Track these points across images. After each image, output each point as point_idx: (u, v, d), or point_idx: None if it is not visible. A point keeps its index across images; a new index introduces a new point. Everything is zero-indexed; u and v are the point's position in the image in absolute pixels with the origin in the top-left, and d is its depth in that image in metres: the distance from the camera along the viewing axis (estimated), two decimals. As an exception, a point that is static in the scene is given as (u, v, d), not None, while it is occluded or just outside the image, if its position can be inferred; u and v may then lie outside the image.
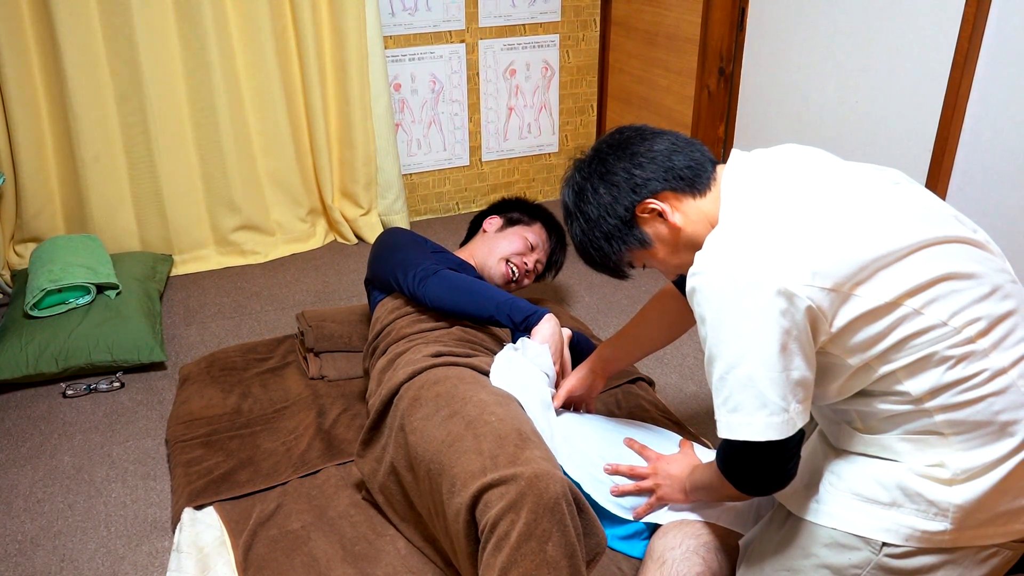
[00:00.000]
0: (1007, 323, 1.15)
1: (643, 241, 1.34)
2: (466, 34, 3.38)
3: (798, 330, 1.12)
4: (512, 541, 1.27)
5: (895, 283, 1.12)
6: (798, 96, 2.59)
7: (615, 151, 1.35)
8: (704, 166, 1.32)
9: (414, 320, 1.91)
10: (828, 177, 1.24)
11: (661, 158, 1.31)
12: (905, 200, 1.21)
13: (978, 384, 1.13)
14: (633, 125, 1.39)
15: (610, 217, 1.34)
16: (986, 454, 1.15)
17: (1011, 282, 1.20)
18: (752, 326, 1.12)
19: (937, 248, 1.15)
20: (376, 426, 1.72)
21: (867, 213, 1.17)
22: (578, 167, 1.41)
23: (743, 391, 1.15)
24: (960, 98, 2.05)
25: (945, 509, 1.16)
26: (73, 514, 1.85)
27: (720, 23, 2.86)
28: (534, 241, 2.29)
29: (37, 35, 2.73)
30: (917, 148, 2.19)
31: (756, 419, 1.15)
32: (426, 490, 1.52)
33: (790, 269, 1.11)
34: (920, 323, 1.12)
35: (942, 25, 2.07)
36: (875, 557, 1.20)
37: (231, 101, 2.99)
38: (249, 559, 1.64)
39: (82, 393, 2.29)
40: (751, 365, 1.13)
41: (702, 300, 1.16)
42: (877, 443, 1.23)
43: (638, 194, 1.31)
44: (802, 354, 1.14)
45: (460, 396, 1.55)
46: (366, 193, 3.30)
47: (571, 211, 1.41)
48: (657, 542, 1.52)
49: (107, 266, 2.61)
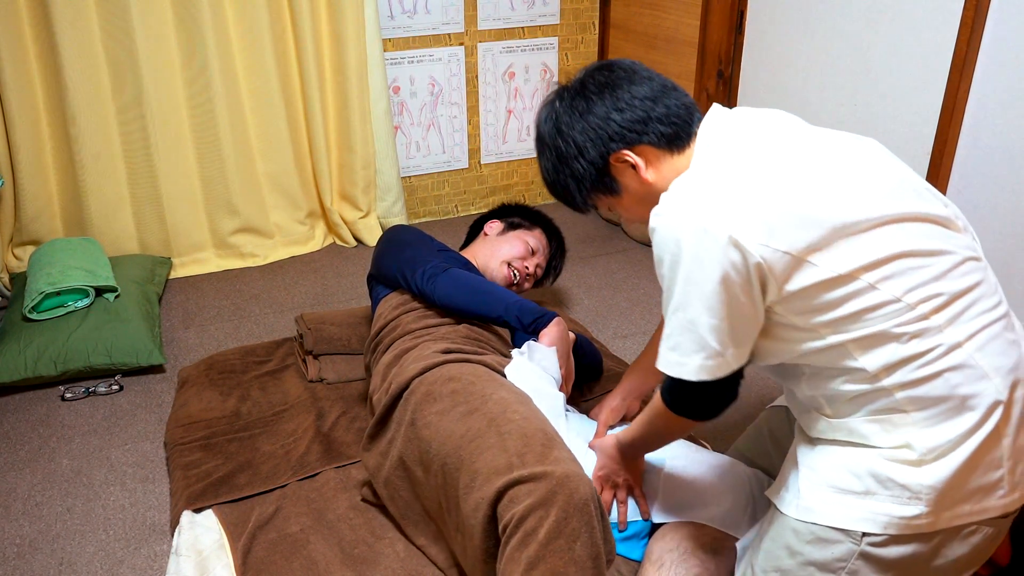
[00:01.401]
0: (965, 299, 1.16)
1: (612, 189, 1.35)
2: (465, 37, 3.38)
3: (746, 283, 1.14)
4: (541, 537, 1.28)
5: (852, 256, 1.13)
6: (797, 98, 2.59)
7: (600, 90, 1.32)
8: (685, 120, 1.31)
9: (420, 316, 1.91)
10: (801, 141, 1.24)
11: (645, 105, 1.29)
12: (875, 173, 1.21)
13: (933, 359, 1.14)
14: (625, 62, 1.36)
15: (583, 159, 1.33)
16: (950, 430, 1.16)
17: (973, 259, 1.20)
18: (701, 273, 1.15)
19: (899, 225, 1.16)
20: (383, 420, 1.72)
21: (834, 182, 1.17)
22: (560, 96, 1.37)
23: (684, 333, 1.20)
24: (959, 100, 2.05)
25: (918, 492, 1.16)
26: (72, 517, 1.85)
27: (719, 26, 2.86)
28: (535, 246, 2.30)
29: (36, 38, 2.73)
30: (916, 150, 2.19)
31: (691, 360, 1.21)
32: (437, 485, 1.52)
33: (746, 224, 1.12)
34: (874, 298, 1.13)
35: (941, 28, 2.07)
36: (857, 548, 1.20)
37: (230, 104, 2.99)
38: (248, 562, 1.64)
39: (81, 396, 2.29)
40: (695, 310, 1.17)
41: (659, 241, 1.19)
42: (845, 427, 1.24)
43: (615, 143, 1.30)
44: (747, 305, 1.17)
45: (479, 393, 1.56)
46: (365, 196, 3.30)
47: (545, 143, 1.39)
48: (655, 544, 1.52)
49: (106, 269, 2.61)
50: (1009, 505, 1.19)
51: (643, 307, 2.78)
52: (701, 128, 1.30)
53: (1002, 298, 1.22)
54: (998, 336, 1.17)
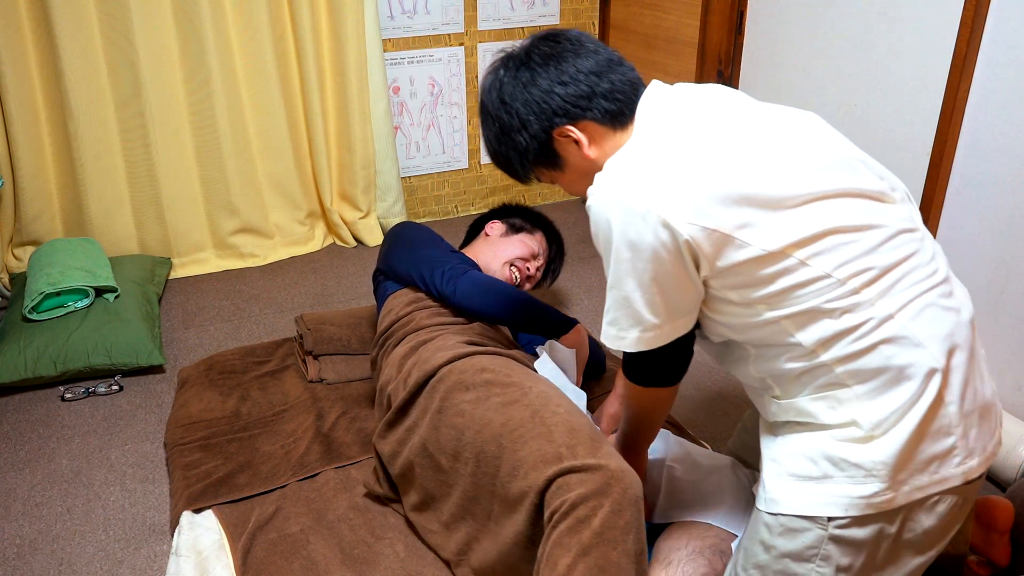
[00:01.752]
0: (896, 271, 1.17)
1: (555, 163, 1.36)
2: (465, 37, 3.38)
3: (677, 259, 1.17)
4: (595, 526, 1.29)
5: (782, 233, 1.15)
6: (797, 99, 2.59)
7: (545, 62, 1.31)
8: (630, 97, 1.31)
9: (433, 313, 1.92)
10: (738, 118, 1.25)
11: (590, 80, 1.29)
12: (809, 149, 1.22)
13: (866, 332, 1.16)
14: (572, 32, 1.35)
15: (526, 133, 1.33)
16: (891, 401, 1.17)
17: (908, 231, 1.22)
18: (632, 252, 1.18)
19: (829, 201, 1.17)
20: (404, 408, 1.72)
21: (765, 159, 1.18)
22: (505, 64, 1.36)
23: (620, 308, 1.24)
24: (959, 101, 2.05)
25: (871, 469, 1.17)
26: (71, 518, 1.85)
27: (719, 26, 2.86)
28: (537, 249, 2.31)
29: (36, 39, 2.73)
30: (916, 151, 2.19)
31: (629, 334, 1.26)
32: (468, 472, 1.53)
33: (674, 204, 1.14)
34: (805, 274, 1.15)
35: (940, 29, 2.07)
36: (825, 533, 1.21)
37: (230, 104, 2.99)
38: (248, 562, 1.64)
39: (81, 396, 2.29)
40: (628, 286, 1.21)
41: (593, 219, 1.22)
42: (794, 408, 1.25)
43: (559, 118, 1.30)
44: (682, 279, 1.20)
45: (517, 384, 1.57)
46: (365, 196, 3.30)
47: (488, 113, 1.38)
48: (662, 543, 1.52)
49: (106, 269, 2.61)
50: (969, 472, 1.20)
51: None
52: (639, 105, 1.30)
53: (940, 266, 1.23)
54: (932, 304, 1.18)
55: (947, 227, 2.15)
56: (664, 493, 1.64)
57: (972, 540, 1.53)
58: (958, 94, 2.04)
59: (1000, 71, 1.96)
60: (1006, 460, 1.86)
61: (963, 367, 1.19)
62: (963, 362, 1.19)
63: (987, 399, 1.23)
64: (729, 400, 2.25)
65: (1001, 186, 2.00)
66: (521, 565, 1.46)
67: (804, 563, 1.23)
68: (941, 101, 2.10)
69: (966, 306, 1.24)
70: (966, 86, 2.04)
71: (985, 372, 1.25)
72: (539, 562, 1.34)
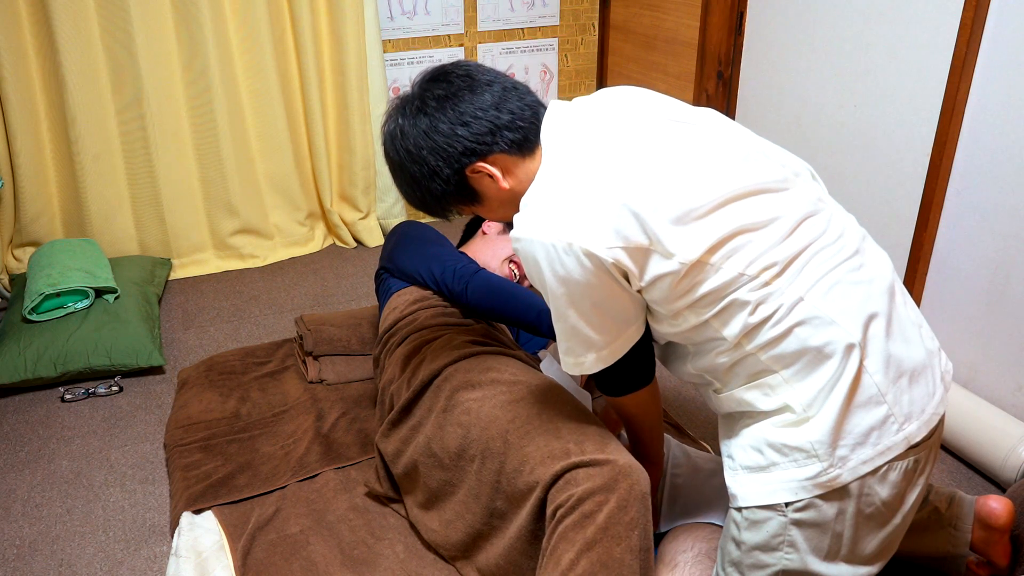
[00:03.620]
0: (801, 258, 1.21)
1: (472, 199, 1.37)
2: (465, 38, 3.39)
3: (609, 282, 1.20)
4: (600, 521, 1.30)
5: (695, 242, 1.18)
6: (796, 100, 2.59)
7: (441, 105, 1.30)
8: (532, 123, 1.31)
9: (439, 313, 1.92)
10: (638, 131, 1.26)
11: (489, 115, 1.29)
12: (711, 152, 1.24)
13: (781, 319, 1.19)
14: (461, 67, 1.34)
15: (438, 179, 1.33)
16: (817, 380, 1.19)
17: (811, 215, 1.25)
18: (566, 286, 1.21)
19: (734, 204, 1.20)
20: (408, 408, 1.72)
21: (672, 172, 1.20)
22: (402, 112, 1.34)
23: (571, 337, 1.28)
24: (958, 102, 2.05)
25: (810, 450, 1.19)
26: (71, 519, 1.85)
27: (719, 27, 2.86)
28: None
29: (36, 39, 2.74)
30: (916, 152, 2.19)
31: (587, 358, 1.30)
32: (473, 470, 1.54)
33: (592, 232, 1.17)
34: (720, 277, 1.19)
35: (940, 30, 2.07)
36: (785, 519, 1.23)
37: (230, 105, 2.99)
38: (248, 563, 1.64)
39: (80, 397, 2.29)
40: (572, 318, 1.25)
41: (524, 261, 1.25)
42: (733, 399, 1.29)
43: (467, 157, 1.30)
44: (619, 296, 1.23)
45: (523, 382, 1.58)
46: (365, 197, 3.30)
47: (396, 165, 1.37)
48: (668, 546, 1.52)
49: (105, 270, 2.61)
50: (911, 436, 1.21)
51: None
52: (542, 135, 1.31)
53: (848, 241, 1.25)
54: (840, 281, 1.21)
55: (947, 227, 2.15)
56: (667, 500, 1.64)
57: (972, 539, 1.53)
58: (958, 94, 2.04)
59: (1000, 71, 1.96)
60: (1006, 460, 1.85)
61: (882, 335, 1.21)
62: (881, 330, 1.21)
63: (917, 361, 1.24)
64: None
65: (1001, 186, 2.00)
66: (524, 561, 1.46)
67: (772, 552, 1.25)
68: (941, 101, 2.10)
69: (881, 274, 1.26)
70: (966, 86, 2.04)
71: (913, 334, 1.25)
72: (543, 556, 1.35)
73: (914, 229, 2.21)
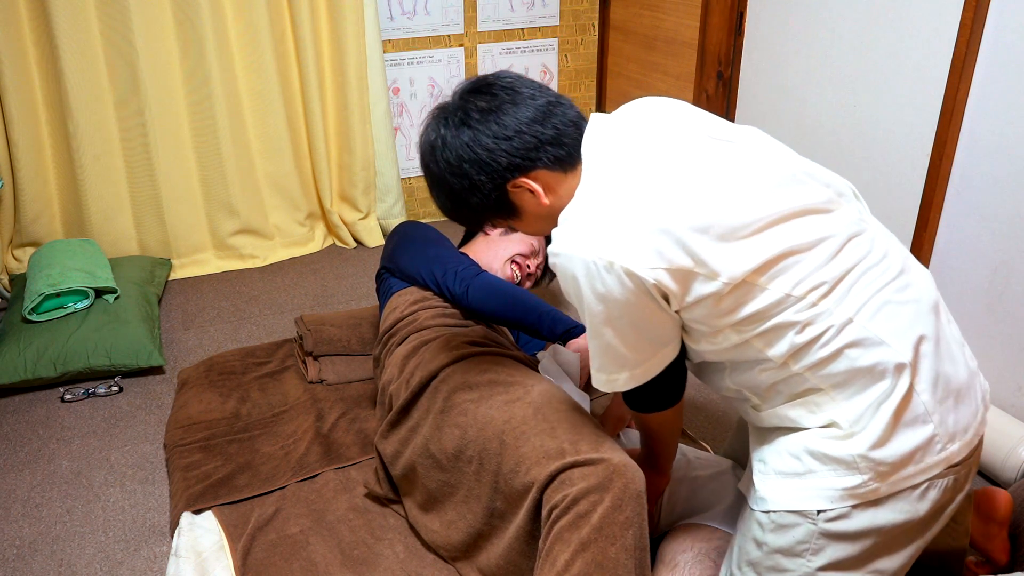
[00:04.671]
0: (849, 278, 1.19)
1: (511, 213, 1.35)
2: (465, 38, 3.39)
3: (648, 301, 1.18)
4: (594, 521, 1.30)
5: (740, 263, 1.16)
6: (796, 100, 2.59)
7: (484, 118, 1.28)
8: (575, 139, 1.29)
9: (438, 314, 1.92)
10: (681, 148, 1.24)
11: (533, 130, 1.27)
12: (757, 172, 1.22)
13: (829, 340, 1.17)
14: (504, 78, 1.32)
15: (479, 192, 1.31)
16: (866, 399, 1.18)
17: (856, 235, 1.23)
18: (605, 303, 1.19)
19: (781, 225, 1.19)
20: (406, 409, 1.72)
21: (718, 191, 1.19)
22: (445, 123, 1.31)
23: (605, 354, 1.26)
24: (958, 102, 2.05)
25: (853, 462, 1.19)
26: (71, 519, 1.85)
27: (718, 27, 2.86)
28: (536, 245, 2.31)
29: (36, 40, 2.74)
30: (915, 152, 2.19)
31: (619, 376, 1.28)
32: (471, 471, 1.54)
33: (635, 252, 1.15)
34: (767, 298, 1.17)
35: (940, 30, 2.07)
36: (815, 527, 1.22)
37: (230, 105, 2.99)
38: (248, 563, 1.64)
39: (80, 398, 2.29)
40: (607, 335, 1.23)
41: (561, 277, 1.23)
42: (775, 415, 1.27)
43: (509, 173, 1.28)
44: (657, 315, 1.21)
45: (519, 383, 1.58)
46: (365, 197, 3.30)
47: (436, 177, 1.34)
48: (667, 546, 1.52)
49: (105, 270, 2.61)
50: (951, 457, 1.21)
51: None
52: (583, 150, 1.29)
53: (892, 262, 1.25)
54: (889, 300, 1.20)
55: (947, 227, 2.14)
56: (667, 501, 1.64)
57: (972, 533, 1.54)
58: (958, 94, 2.04)
59: (1000, 71, 1.96)
60: (1006, 460, 1.86)
61: (931, 355, 1.20)
62: (931, 350, 1.20)
63: (962, 381, 1.23)
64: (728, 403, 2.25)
65: (1001, 186, 2.00)
66: (523, 562, 1.46)
67: (795, 558, 1.24)
68: (941, 101, 2.10)
69: (926, 294, 1.25)
70: (966, 86, 2.04)
71: (957, 354, 1.25)
72: (539, 556, 1.35)
73: (914, 229, 2.21)
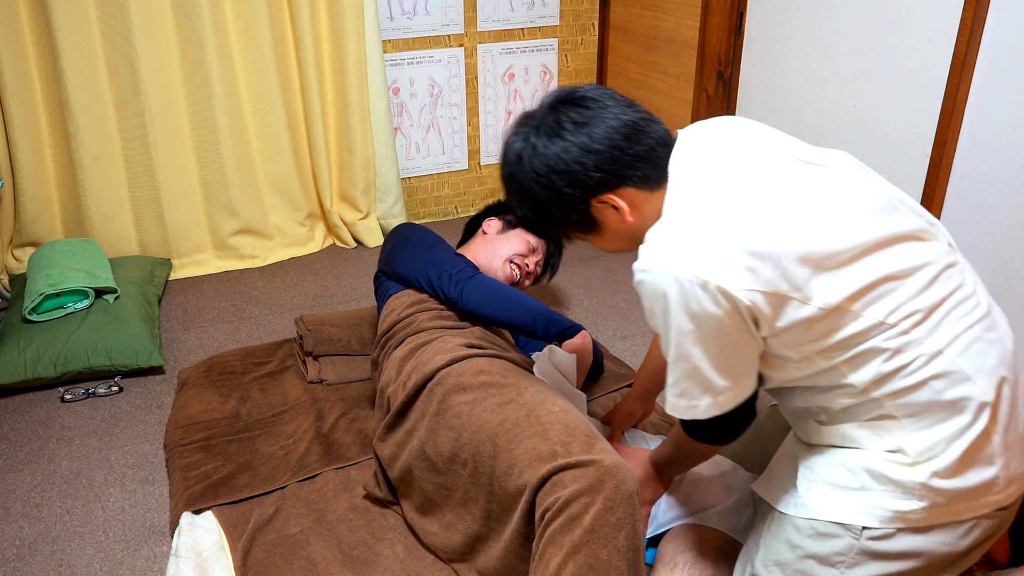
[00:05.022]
0: (942, 308, 1.18)
1: (593, 228, 1.33)
2: (465, 38, 3.38)
3: (739, 324, 1.15)
4: (586, 523, 1.30)
5: (836, 289, 1.14)
6: (797, 100, 2.59)
7: (576, 130, 1.25)
8: (663, 157, 1.26)
9: (435, 316, 1.92)
10: (773, 170, 1.22)
11: (623, 146, 1.24)
12: (850, 197, 1.21)
13: (916, 369, 1.16)
14: (595, 92, 1.29)
15: (564, 204, 1.29)
16: (940, 432, 1.17)
17: (948, 266, 1.22)
18: (696, 323, 1.15)
19: (879, 251, 1.17)
20: (403, 411, 1.72)
21: (814, 216, 1.17)
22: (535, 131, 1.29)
23: (688, 380, 1.22)
24: (958, 103, 2.05)
25: (911, 488, 1.18)
26: (71, 519, 1.85)
27: (718, 27, 2.86)
28: (535, 244, 2.31)
29: (36, 40, 2.73)
30: (915, 153, 2.19)
31: (701, 402, 1.23)
32: (466, 474, 1.54)
33: (730, 272, 1.12)
34: (860, 324, 1.15)
35: (940, 30, 2.07)
36: (856, 542, 1.21)
37: (229, 105, 2.99)
38: (248, 563, 1.64)
39: (80, 398, 2.29)
40: (695, 358, 1.19)
41: (648, 296, 1.20)
42: (839, 433, 1.26)
43: (599, 189, 1.26)
44: (745, 341, 1.18)
45: (512, 385, 1.58)
46: (365, 197, 3.30)
47: (520, 184, 1.31)
48: (667, 547, 1.52)
49: (105, 270, 2.61)
50: (1004, 500, 1.20)
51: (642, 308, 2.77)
52: (671, 164, 1.26)
53: (980, 298, 1.23)
54: (979, 338, 1.18)
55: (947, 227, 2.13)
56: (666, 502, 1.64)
57: None
58: (958, 94, 2.04)
59: (1000, 71, 1.96)
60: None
61: (1009, 398, 1.19)
62: (1009, 393, 1.19)
63: None
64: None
65: (1001, 186, 2.00)
66: (520, 564, 1.46)
67: (828, 568, 1.24)
68: (941, 101, 2.10)
69: (1008, 336, 1.24)
70: (966, 86, 2.04)
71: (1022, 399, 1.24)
72: (533, 559, 1.35)
73: (914, 229, 2.21)
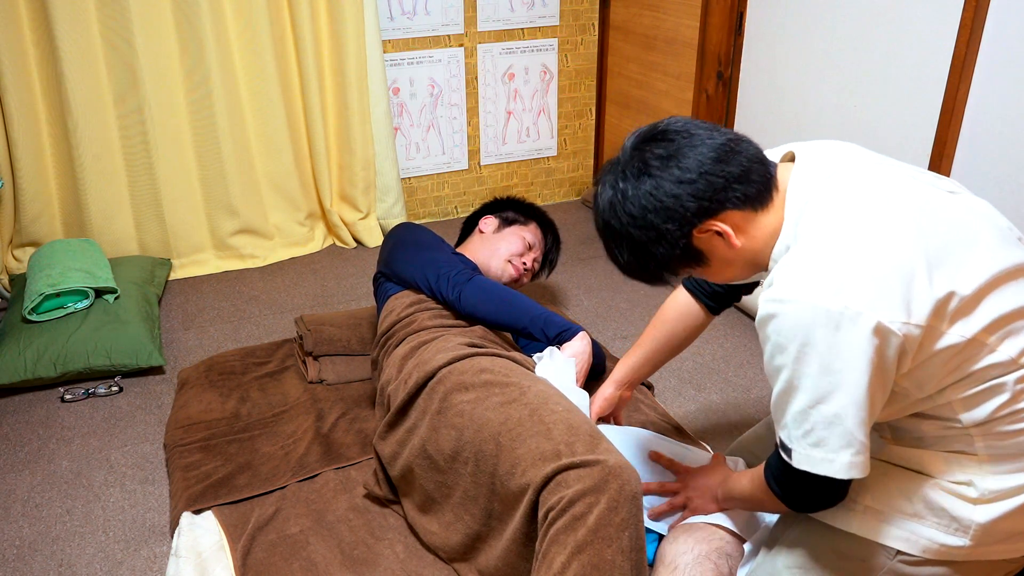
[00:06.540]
0: None
1: (699, 260, 1.25)
2: (465, 38, 3.38)
3: (887, 367, 1.07)
4: (590, 523, 1.30)
5: (976, 318, 1.09)
6: (796, 100, 2.59)
7: (665, 164, 1.19)
8: (763, 175, 1.20)
9: (435, 315, 1.92)
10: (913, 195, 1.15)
11: (717, 170, 1.17)
12: (977, 224, 1.15)
13: None
14: (675, 123, 1.24)
15: (665, 243, 1.21)
16: (1016, 479, 1.15)
17: None
18: (843, 363, 1.06)
19: (1011, 283, 1.11)
20: (403, 409, 1.72)
21: (952, 241, 1.11)
22: (623, 176, 1.23)
23: (828, 428, 1.10)
24: (958, 102, 2.05)
25: (967, 526, 1.16)
26: (71, 519, 1.85)
27: (718, 27, 2.86)
28: (532, 241, 2.31)
29: (36, 40, 2.74)
30: (915, 152, 2.19)
31: (840, 457, 1.12)
32: (468, 472, 1.54)
33: (886, 306, 1.04)
34: (992, 358, 1.10)
35: (940, 30, 2.07)
36: (888, 563, 1.21)
37: (229, 105, 2.99)
38: (248, 564, 1.64)
39: (80, 398, 2.29)
40: (840, 403, 1.08)
41: (784, 330, 1.09)
42: (906, 456, 1.22)
43: (699, 218, 1.18)
44: (885, 390, 1.10)
45: (515, 384, 1.58)
46: (365, 197, 3.30)
47: (617, 232, 1.24)
48: (668, 547, 1.51)
49: (105, 270, 2.61)
50: None
51: (642, 308, 2.78)
52: (790, 187, 1.20)
53: None
54: None
55: (947, 227, 2.14)
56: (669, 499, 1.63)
57: None
58: (958, 94, 2.04)
59: (1000, 71, 1.96)
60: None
61: None
62: None
63: None
64: (729, 403, 2.25)
65: (1001, 186, 2.00)
66: (521, 564, 1.46)
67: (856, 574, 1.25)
68: (941, 101, 2.10)
69: None
70: (966, 86, 2.04)
71: None
72: (536, 559, 1.35)
73: (914, 229, 2.21)
